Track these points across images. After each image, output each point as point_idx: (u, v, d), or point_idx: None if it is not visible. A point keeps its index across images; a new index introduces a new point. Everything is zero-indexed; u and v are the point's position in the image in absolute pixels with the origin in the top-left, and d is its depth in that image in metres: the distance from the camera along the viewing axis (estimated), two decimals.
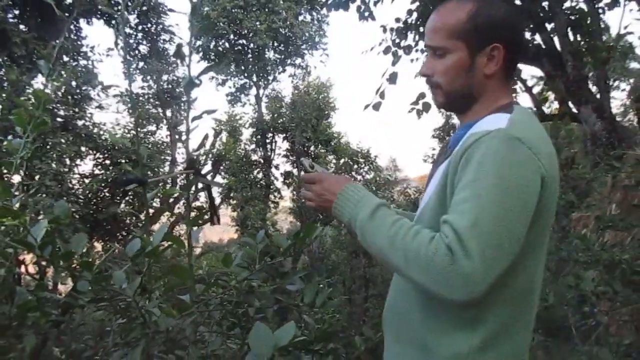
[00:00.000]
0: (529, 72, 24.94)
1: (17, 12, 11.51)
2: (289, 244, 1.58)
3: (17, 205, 1.32)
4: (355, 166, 16.49)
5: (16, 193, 1.56)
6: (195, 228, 1.60)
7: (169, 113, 13.56)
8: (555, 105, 7.74)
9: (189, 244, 1.59)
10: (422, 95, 5.26)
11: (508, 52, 1.14)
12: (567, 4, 5.10)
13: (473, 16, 1.13)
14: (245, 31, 16.14)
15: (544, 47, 5.18)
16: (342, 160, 16.76)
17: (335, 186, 1.18)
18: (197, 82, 1.56)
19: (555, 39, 5.10)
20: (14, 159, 1.53)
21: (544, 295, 2.42)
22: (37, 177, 10.31)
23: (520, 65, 5.18)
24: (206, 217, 1.66)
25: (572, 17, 4.96)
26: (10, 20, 10.67)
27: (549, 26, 5.13)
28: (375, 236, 1.06)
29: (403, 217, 1.09)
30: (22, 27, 11.10)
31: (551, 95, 6.89)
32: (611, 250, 2.72)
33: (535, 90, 8.88)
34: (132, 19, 12.42)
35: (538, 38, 5.25)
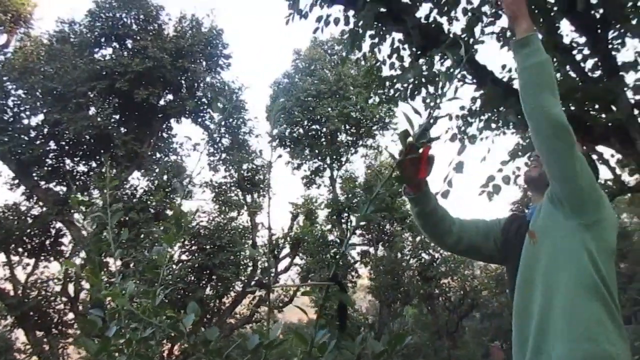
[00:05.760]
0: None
1: (117, 117, 13.00)
2: (382, 350, 1.78)
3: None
4: (432, 244, 16.31)
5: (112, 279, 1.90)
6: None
7: (249, 199, 14.35)
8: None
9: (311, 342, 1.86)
10: (491, 178, 5.37)
11: None
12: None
13: None
14: (318, 117, 17.06)
15: (610, 125, 5.20)
16: (417, 238, 16.67)
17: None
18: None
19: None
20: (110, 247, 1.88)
21: None
22: (132, 265, 11.18)
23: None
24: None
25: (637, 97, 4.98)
26: (113, 125, 12.08)
27: (614, 107, 5.16)
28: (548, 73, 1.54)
29: None
30: (122, 129, 12.51)
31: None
32: None
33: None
34: (216, 116, 13.57)
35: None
